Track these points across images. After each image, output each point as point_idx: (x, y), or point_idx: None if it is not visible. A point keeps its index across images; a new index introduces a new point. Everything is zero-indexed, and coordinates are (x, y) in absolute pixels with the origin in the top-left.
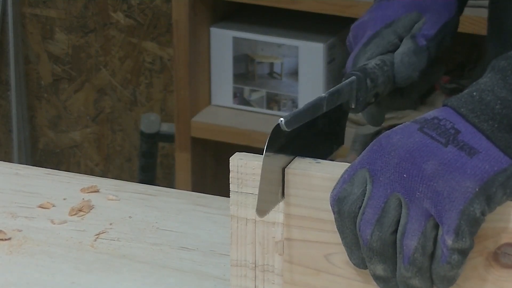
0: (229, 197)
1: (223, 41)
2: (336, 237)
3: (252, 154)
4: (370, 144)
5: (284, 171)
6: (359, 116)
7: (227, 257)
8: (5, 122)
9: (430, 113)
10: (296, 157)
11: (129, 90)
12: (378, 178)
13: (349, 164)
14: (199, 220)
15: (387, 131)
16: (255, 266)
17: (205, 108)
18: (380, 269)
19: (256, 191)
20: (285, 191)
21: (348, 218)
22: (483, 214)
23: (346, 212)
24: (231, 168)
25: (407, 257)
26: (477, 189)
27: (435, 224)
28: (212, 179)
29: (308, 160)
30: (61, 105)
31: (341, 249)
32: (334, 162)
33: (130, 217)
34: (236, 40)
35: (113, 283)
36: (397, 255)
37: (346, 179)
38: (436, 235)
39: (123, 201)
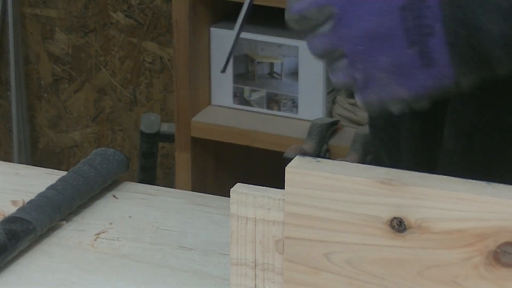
0: (229, 196)
1: (223, 41)
2: (336, 236)
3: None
4: None
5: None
6: (359, 116)
7: (227, 257)
8: (5, 122)
9: None
10: (296, 156)
11: (129, 90)
12: (339, 26)
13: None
14: (199, 220)
15: None
16: (255, 265)
17: (205, 108)
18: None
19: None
20: (285, 189)
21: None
22: (399, 110)
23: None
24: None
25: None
26: (407, 97)
27: (342, 54)
28: (212, 179)
29: (308, 159)
30: (61, 105)
31: (341, 247)
32: (334, 161)
33: (130, 217)
34: None
35: (113, 283)
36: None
37: (320, 2)
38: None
39: (123, 201)
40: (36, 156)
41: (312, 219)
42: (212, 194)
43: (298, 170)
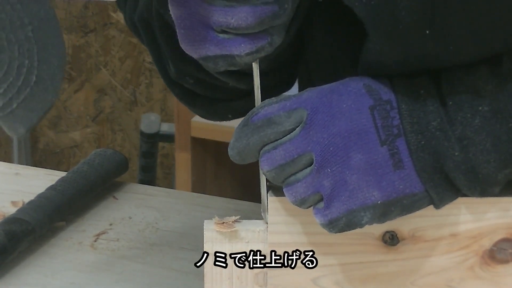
0: (229, 197)
1: None
2: (322, 259)
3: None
4: (327, 86)
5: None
6: None
7: None
8: None
9: (386, 89)
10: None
11: (129, 90)
12: (309, 128)
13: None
14: (199, 220)
15: (345, 83)
16: None
17: None
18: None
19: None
20: (268, 219)
21: (260, 139)
22: (367, 224)
23: (265, 135)
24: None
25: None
26: (379, 202)
27: (319, 198)
28: (212, 179)
29: None
30: (61, 105)
31: (330, 270)
32: None
33: (130, 217)
34: None
35: (113, 283)
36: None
37: (287, 107)
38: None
39: (123, 202)
40: (36, 156)
41: (296, 245)
42: (212, 194)
43: (278, 198)
